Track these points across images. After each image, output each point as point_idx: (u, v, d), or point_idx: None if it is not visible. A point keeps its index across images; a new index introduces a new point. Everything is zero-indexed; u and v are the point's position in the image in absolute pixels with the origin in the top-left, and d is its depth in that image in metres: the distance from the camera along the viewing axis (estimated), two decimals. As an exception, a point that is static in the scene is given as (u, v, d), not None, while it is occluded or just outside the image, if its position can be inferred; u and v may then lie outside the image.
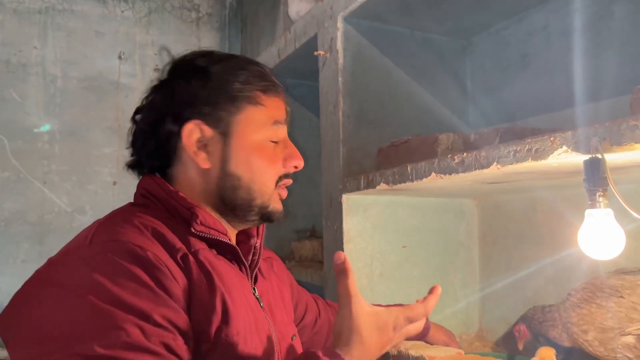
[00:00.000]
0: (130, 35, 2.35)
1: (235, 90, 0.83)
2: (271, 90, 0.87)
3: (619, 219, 0.78)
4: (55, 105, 2.18)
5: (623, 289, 1.01)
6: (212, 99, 0.82)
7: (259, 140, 0.84)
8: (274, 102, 0.87)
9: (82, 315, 0.61)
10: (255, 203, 0.84)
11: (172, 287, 0.68)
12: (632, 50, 1.19)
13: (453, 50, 1.63)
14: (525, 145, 0.85)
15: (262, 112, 0.85)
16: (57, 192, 2.14)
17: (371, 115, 1.47)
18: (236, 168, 0.83)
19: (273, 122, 0.86)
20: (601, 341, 1.03)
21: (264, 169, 0.85)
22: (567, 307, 1.08)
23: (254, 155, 0.84)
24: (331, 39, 1.46)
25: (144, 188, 0.84)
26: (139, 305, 0.63)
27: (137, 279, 0.65)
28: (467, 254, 1.59)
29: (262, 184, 0.85)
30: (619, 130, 0.71)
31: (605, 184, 0.73)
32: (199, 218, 0.78)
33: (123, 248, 0.68)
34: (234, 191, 0.83)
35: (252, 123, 0.84)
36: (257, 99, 0.84)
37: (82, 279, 0.64)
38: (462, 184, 1.19)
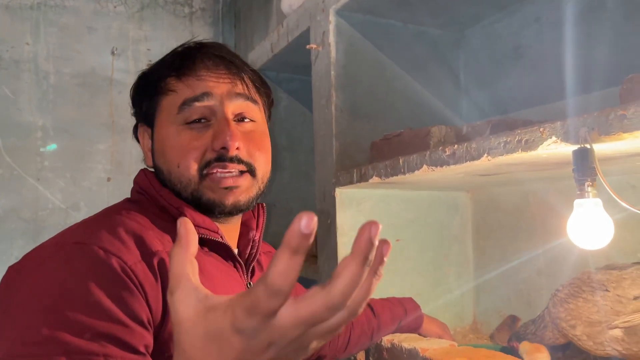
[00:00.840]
0: (123, 30, 2.33)
1: (150, 82, 0.85)
2: (184, 71, 0.82)
3: (607, 209, 0.78)
4: (48, 101, 2.17)
5: (609, 282, 1.03)
6: (138, 102, 0.88)
7: (171, 129, 0.81)
8: (187, 83, 0.82)
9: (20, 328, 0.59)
10: (185, 195, 0.81)
11: (129, 299, 0.63)
12: (624, 41, 1.19)
13: (446, 43, 1.62)
14: (515, 136, 0.85)
15: (172, 99, 0.82)
16: (51, 188, 2.13)
17: (364, 109, 1.47)
18: (157, 161, 0.84)
19: (181, 104, 0.81)
20: (589, 335, 1.04)
21: (175, 158, 0.80)
22: (555, 303, 1.09)
23: (165, 145, 0.82)
24: (323, 32, 1.45)
25: (137, 183, 0.85)
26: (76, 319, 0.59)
27: (88, 292, 0.61)
28: (461, 247, 1.59)
29: (179, 174, 0.80)
30: (607, 120, 0.71)
31: (593, 174, 0.73)
32: (187, 216, 0.76)
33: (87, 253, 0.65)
34: (165, 184, 0.83)
35: (164, 113, 0.83)
36: (168, 86, 0.83)
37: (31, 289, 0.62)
38: (454, 177, 1.19)
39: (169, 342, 0.67)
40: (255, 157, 0.85)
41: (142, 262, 0.67)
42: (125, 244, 0.68)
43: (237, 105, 0.84)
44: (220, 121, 0.81)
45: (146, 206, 0.80)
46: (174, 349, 0.45)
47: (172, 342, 0.62)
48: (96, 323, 0.59)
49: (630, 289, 1.00)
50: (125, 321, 0.62)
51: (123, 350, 0.60)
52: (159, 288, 0.67)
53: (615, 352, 1.02)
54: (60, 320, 0.58)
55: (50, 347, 0.56)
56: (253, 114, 0.87)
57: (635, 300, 0.99)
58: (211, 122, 0.81)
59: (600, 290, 1.02)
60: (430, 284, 1.53)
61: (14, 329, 0.59)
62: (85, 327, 0.58)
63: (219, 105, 0.82)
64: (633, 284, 1.00)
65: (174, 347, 0.46)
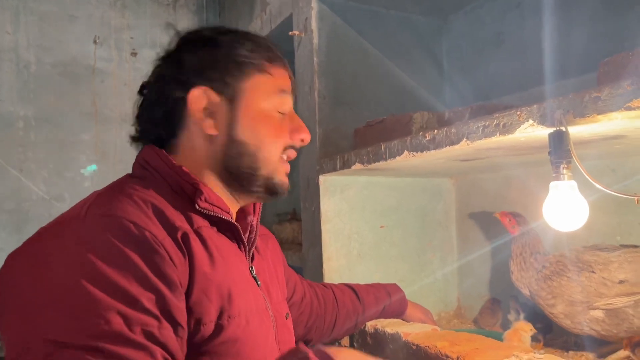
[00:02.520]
0: (105, 19, 2.30)
1: (243, 57, 0.82)
2: (277, 60, 0.85)
3: (583, 192, 0.78)
4: (30, 91, 2.14)
5: (595, 264, 1.03)
6: (219, 66, 0.82)
7: (266, 108, 0.83)
8: (280, 72, 0.85)
9: (66, 299, 0.59)
10: (260, 173, 0.82)
11: (166, 269, 0.64)
12: (602, 26, 1.19)
13: (429, 30, 1.62)
14: (493, 120, 0.85)
15: (269, 81, 0.84)
16: (34, 179, 2.11)
17: (347, 96, 1.46)
18: (242, 135, 0.81)
19: (280, 91, 0.84)
20: (568, 314, 1.05)
21: (270, 138, 0.82)
22: (539, 279, 1.09)
23: (261, 123, 0.82)
24: (306, 18, 1.44)
25: (144, 159, 0.81)
26: (127, 289, 0.60)
27: (129, 261, 0.62)
28: (445, 233, 1.60)
29: (268, 153, 0.82)
30: (582, 103, 0.71)
31: (569, 156, 0.73)
32: (204, 195, 0.76)
33: (118, 225, 0.64)
34: (240, 158, 0.81)
35: (260, 90, 0.83)
36: (264, 67, 0.83)
37: (71, 257, 0.62)
38: (436, 162, 1.20)
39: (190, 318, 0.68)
40: None
41: (169, 238, 0.68)
42: (151, 219, 0.68)
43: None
44: (296, 117, 0.88)
45: (152, 182, 0.78)
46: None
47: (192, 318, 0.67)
48: (145, 294, 0.61)
49: (616, 273, 1.00)
50: (167, 294, 0.63)
51: (169, 323, 0.63)
52: (186, 264, 0.68)
53: (592, 332, 1.03)
54: (112, 292, 0.59)
55: (106, 315, 0.58)
56: None
57: (620, 284, 1.00)
58: (285, 114, 0.86)
59: (587, 271, 1.03)
60: (414, 269, 1.54)
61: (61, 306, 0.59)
62: (135, 296, 0.60)
63: (291, 105, 0.88)
64: (620, 268, 1.00)
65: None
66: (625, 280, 0.99)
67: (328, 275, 1.41)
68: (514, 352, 0.89)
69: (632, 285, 0.98)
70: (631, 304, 0.99)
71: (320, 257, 1.42)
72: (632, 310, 0.99)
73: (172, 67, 0.83)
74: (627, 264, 1.00)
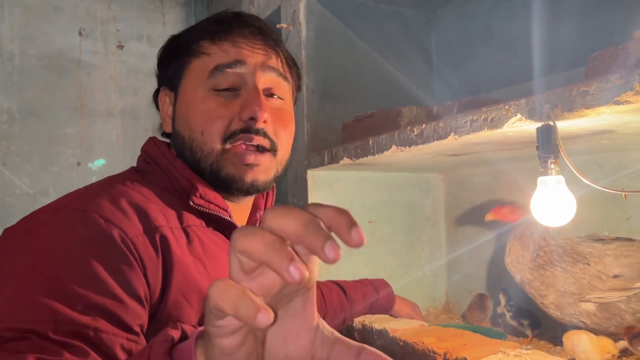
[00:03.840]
0: (90, 10, 2.26)
1: (180, 44, 0.80)
2: (221, 35, 0.77)
3: (570, 187, 0.78)
4: (14, 84, 2.10)
5: (590, 256, 1.02)
6: (166, 63, 0.82)
7: (199, 93, 0.76)
8: (222, 47, 0.77)
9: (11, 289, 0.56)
10: (203, 166, 0.76)
11: (128, 273, 0.60)
12: (592, 20, 1.19)
13: (418, 23, 1.61)
14: (481, 115, 0.84)
15: (204, 62, 0.77)
16: (18, 173, 2.07)
17: (336, 90, 1.45)
18: (179, 126, 0.79)
19: (213, 69, 0.76)
20: (558, 305, 1.04)
21: (200, 124, 0.75)
22: (531, 268, 1.08)
23: (190, 110, 0.76)
24: (294, 11, 1.43)
25: (146, 152, 0.79)
26: (70, 289, 0.56)
27: (86, 261, 0.59)
28: (434, 228, 1.59)
29: (202, 142, 0.75)
30: (570, 97, 0.70)
31: (556, 150, 0.73)
32: (199, 191, 0.72)
33: (87, 221, 0.62)
34: (183, 152, 0.78)
35: (193, 76, 0.78)
36: (200, 49, 0.78)
37: (28, 251, 0.59)
38: (424, 157, 1.19)
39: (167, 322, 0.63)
40: (279, 136, 0.79)
41: (144, 236, 0.64)
42: (127, 215, 0.64)
43: (269, 78, 0.79)
44: (250, 91, 0.76)
45: (153, 177, 0.76)
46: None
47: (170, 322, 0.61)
48: (90, 295, 0.56)
49: (611, 266, 0.98)
50: (121, 296, 0.58)
51: (115, 327, 0.57)
52: (159, 264, 0.64)
53: (582, 325, 1.03)
54: (54, 288, 0.56)
55: (39, 314, 0.53)
56: (283, 91, 0.82)
57: (614, 278, 0.98)
58: (240, 91, 0.76)
59: (581, 263, 1.01)
60: (402, 265, 1.53)
61: (3, 292, 0.56)
62: (78, 297, 0.56)
63: (250, 75, 0.77)
64: (615, 261, 0.99)
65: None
66: (620, 275, 0.98)
67: (316, 270, 1.40)
68: (501, 348, 0.89)
69: (627, 281, 0.98)
70: (624, 299, 0.98)
71: (308, 252, 1.40)
72: (624, 305, 0.98)
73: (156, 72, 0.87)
74: (623, 258, 0.99)
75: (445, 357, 0.92)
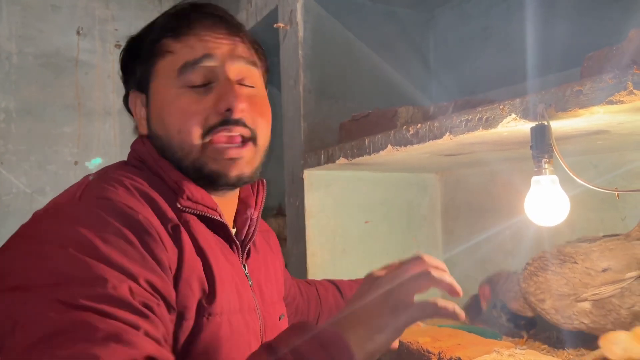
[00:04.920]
0: (89, 9, 2.26)
1: (145, 45, 0.78)
2: (183, 30, 0.76)
3: (564, 187, 0.78)
4: (11, 82, 2.10)
5: (577, 255, 1.02)
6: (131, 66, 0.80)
7: (170, 92, 0.75)
8: (187, 43, 0.76)
9: (67, 266, 0.56)
10: (185, 164, 0.75)
11: (160, 254, 0.63)
12: (589, 20, 1.19)
13: (416, 24, 1.61)
14: (476, 114, 0.84)
15: (170, 61, 0.76)
16: (15, 172, 2.07)
17: (333, 90, 1.45)
18: (156, 128, 0.78)
19: (181, 66, 0.75)
20: (557, 309, 1.05)
21: (175, 123, 0.74)
22: (525, 277, 1.09)
23: (164, 111, 0.75)
24: (291, 10, 1.43)
25: (135, 151, 0.79)
26: (126, 265, 0.58)
27: (126, 240, 0.60)
28: (430, 228, 1.59)
29: (180, 141, 0.74)
30: (564, 97, 0.70)
31: (550, 150, 0.73)
32: (186, 193, 0.72)
33: (114, 207, 0.63)
34: (164, 153, 0.77)
35: (161, 76, 0.77)
36: (164, 48, 0.76)
37: (69, 233, 0.59)
38: (420, 157, 1.19)
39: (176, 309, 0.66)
40: (257, 124, 0.78)
41: (162, 226, 0.66)
42: (144, 206, 0.66)
43: (239, 68, 0.77)
44: (223, 83, 0.75)
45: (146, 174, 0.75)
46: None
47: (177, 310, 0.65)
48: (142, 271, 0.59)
49: (598, 261, 0.99)
50: (162, 274, 0.62)
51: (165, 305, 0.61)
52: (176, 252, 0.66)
53: (582, 326, 1.02)
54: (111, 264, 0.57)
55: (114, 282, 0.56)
56: (254, 79, 0.81)
57: (603, 273, 0.99)
58: (212, 85, 0.75)
59: (569, 263, 1.02)
60: (399, 265, 1.53)
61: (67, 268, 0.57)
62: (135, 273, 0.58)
63: (220, 67, 0.76)
64: (601, 256, 0.99)
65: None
66: (608, 268, 0.98)
67: (312, 270, 1.40)
68: (495, 348, 0.89)
69: (616, 273, 0.98)
70: (617, 293, 0.98)
71: (304, 252, 1.40)
72: (618, 301, 0.98)
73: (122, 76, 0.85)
74: (608, 252, 0.99)
75: (439, 357, 0.93)
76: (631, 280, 0.97)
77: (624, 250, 0.99)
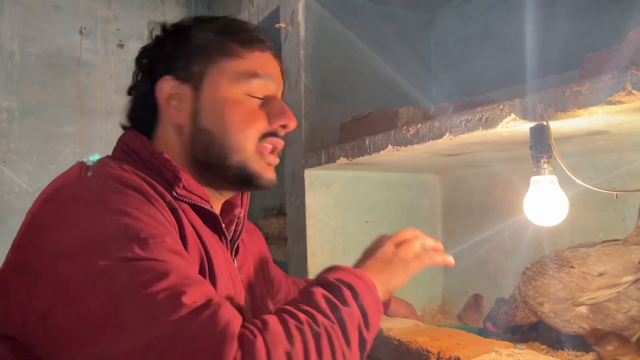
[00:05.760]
0: (91, 9, 2.27)
1: (207, 40, 0.81)
2: (253, 44, 0.82)
3: (563, 188, 0.78)
4: (13, 82, 2.11)
5: (574, 259, 1.03)
6: (184, 54, 0.81)
7: (234, 93, 0.79)
8: (255, 57, 0.82)
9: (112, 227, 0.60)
10: (230, 162, 0.79)
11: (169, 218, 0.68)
12: (590, 21, 1.19)
13: (416, 25, 1.61)
14: (475, 115, 0.85)
15: (237, 65, 0.80)
16: (17, 171, 2.08)
17: (333, 90, 1.45)
18: (207, 123, 0.79)
19: (250, 75, 0.80)
20: (556, 313, 1.05)
21: (238, 124, 0.79)
22: (524, 281, 1.09)
23: (226, 109, 0.79)
24: (292, 11, 1.43)
25: (126, 143, 0.80)
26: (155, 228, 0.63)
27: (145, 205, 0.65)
28: (430, 229, 1.60)
29: (236, 141, 0.79)
30: (563, 97, 0.71)
31: (549, 150, 0.73)
32: (182, 182, 0.74)
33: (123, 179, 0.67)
34: (206, 148, 0.79)
35: (225, 75, 0.80)
36: (232, 50, 0.80)
37: (99, 195, 0.64)
38: (420, 157, 1.19)
39: None
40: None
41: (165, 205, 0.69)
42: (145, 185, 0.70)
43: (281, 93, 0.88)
44: (279, 102, 0.84)
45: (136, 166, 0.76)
46: None
47: None
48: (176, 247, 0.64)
49: (595, 266, 1.00)
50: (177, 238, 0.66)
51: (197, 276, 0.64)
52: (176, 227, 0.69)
53: (581, 330, 1.03)
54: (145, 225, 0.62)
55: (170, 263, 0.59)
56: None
57: (599, 277, 0.99)
58: (263, 100, 0.82)
59: (566, 267, 1.02)
60: (399, 265, 1.53)
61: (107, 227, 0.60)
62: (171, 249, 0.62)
63: (276, 89, 0.85)
64: (598, 261, 1.00)
65: None
66: (604, 273, 0.99)
67: (312, 270, 1.40)
68: (494, 347, 0.89)
69: (612, 277, 0.98)
70: (613, 298, 0.99)
71: (304, 252, 1.41)
72: (614, 305, 0.99)
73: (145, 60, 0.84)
74: (604, 257, 1.00)
75: (438, 356, 0.93)
76: (627, 285, 0.97)
77: (621, 255, 0.99)
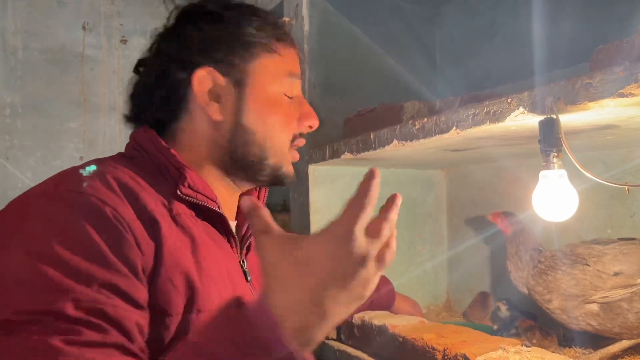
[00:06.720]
0: (94, 5, 2.25)
1: (250, 35, 0.76)
2: (286, 39, 0.80)
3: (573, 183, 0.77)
4: (17, 78, 2.10)
5: (590, 257, 1.01)
6: (225, 45, 0.76)
7: (275, 92, 0.78)
8: (289, 53, 0.80)
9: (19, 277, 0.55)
10: (268, 162, 0.78)
11: (129, 253, 0.60)
12: (597, 14, 1.18)
13: (422, 19, 1.60)
14: (483, 108, 0.83)
15: (278, 62, 0.78)
16: (20, 167, 2.07)
17: (338, 85, 1.44)
18: (250, 121, 0.76)
19: (289, 74, 0.79)
20: (564, 309, 1.03)
21: (279, 125, 0.78)
22: (534, 275, 1.08)
23: (269, 109, 0.77)
24: (297, 5, 1.42)
25: (135, 140, 0.77)
26: (84, 270, 0.56)
27: (91, 241, 0.58)
28: (435, 225, 1.58)
29: (277, 142, 0.78)
30: (574, 89, 0.69)
31: (559, 144, 0.72)
32: (187, 180, 0.71)
33: (85, 203, 0.61)
34: (246, 147, 0.77)
35: (268, 73, 0.77)
36: (272, 46, 0.77)
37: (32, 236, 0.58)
38: (426, 152, 1.18)
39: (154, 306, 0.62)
40: None
41: (138, 221, 0.63)
42: (121, 199, 0.64)
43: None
44: (304, 102, 0.83)
45: (142, 164, 0.74)
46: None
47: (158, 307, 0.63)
48: (103, 273, 0.57)
49: (611, 265, 0.98)
50: (128, 274, 0.60)
51: (128, 304, 0.58)
52: (153, 248, 0.64)
53: (589, 328, 1.01)
54: (67, 268, 0.56)
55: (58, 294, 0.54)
56: None
57: (615, 276, 0.98)
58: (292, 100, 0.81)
59: (581, 264, 1.01)
60: (403, 262, 1.52)
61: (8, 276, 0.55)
62: (91, 276, 0.56)
63: (300, 89, 0.84)
64: (614, 260, 0.98)
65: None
66: (620, 272, 0.97)
67: (316, 266, 1.39)
68: (501, 345, 0.88)
69: (628, 277, 0.97)
70: (627, 297, 0.97)
71: (308, 248, 1.40)
72: (627, 305, 0.97)
73: (175, 44, 0.77)
74: (621, 256, 0.98)
75: (444, 354, 0.92)
76: (642, 286, 0.96)
77: (638, 255, 0.97)
